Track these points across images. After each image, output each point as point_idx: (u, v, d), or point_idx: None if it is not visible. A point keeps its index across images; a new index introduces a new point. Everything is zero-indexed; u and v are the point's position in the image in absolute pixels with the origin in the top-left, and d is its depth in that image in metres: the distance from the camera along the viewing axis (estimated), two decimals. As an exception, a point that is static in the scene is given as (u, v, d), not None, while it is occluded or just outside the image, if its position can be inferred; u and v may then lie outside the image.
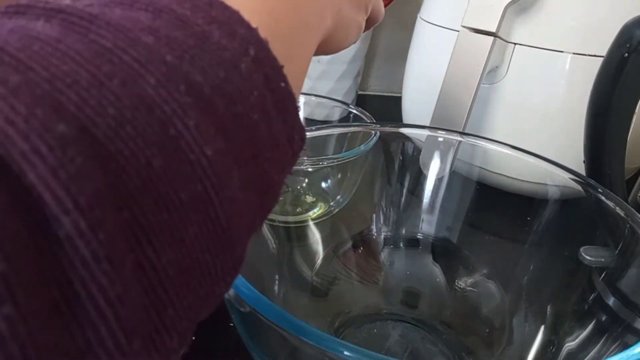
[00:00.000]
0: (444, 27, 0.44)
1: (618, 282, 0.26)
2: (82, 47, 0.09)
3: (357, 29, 0.25)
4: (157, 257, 0.09)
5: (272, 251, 0.31)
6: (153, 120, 0.09)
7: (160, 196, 0.09)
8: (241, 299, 0.17)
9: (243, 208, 0.12)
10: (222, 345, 0.28)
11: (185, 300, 0.10)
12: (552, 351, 0.25)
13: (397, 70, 0.73)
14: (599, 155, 0.31)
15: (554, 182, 0.29)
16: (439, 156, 0.34)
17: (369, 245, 0.35)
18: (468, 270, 0.33)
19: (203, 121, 0.10)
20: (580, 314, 0.26)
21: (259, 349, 0.20)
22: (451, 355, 0.28)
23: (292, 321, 0.16)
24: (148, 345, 0.09)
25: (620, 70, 0.28)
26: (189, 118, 0.10)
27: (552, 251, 0.30)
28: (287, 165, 0.14)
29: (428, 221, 0.34)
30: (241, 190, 0.11)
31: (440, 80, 0.40)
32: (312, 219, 0.38)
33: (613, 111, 0.29)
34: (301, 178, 0.41)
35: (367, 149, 0.34)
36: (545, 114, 0.39)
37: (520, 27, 0.38)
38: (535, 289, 0.29)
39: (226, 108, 0.11)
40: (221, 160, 0.11)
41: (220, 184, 0.11)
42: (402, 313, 0.31)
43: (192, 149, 0.10)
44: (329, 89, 0.63)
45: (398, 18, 0.73)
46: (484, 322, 0.30)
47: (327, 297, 0.32)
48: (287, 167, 0.14)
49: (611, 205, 0.25)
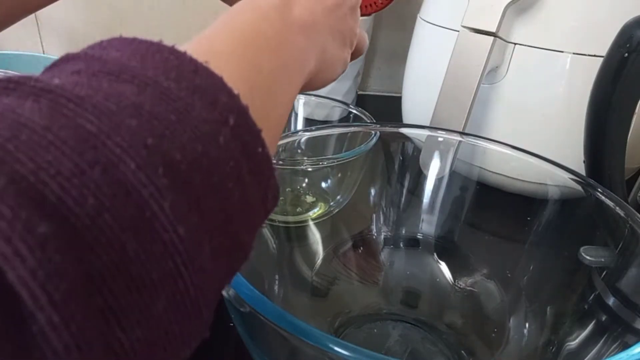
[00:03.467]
0: (444, 27, 0.44)
1: (618, 282, 0.26)
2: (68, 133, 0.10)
3: (342, 65, 0.25)
4: (125, 336, 0.10)
5: (272, 251, 0.31)
6: (130, 205, 0.10)
7: (132, 279, 0.10)
8: (241, 299, 0.17)
9: (213, 277, 0.12)
10: (222, 345, 0.28)
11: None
12: (552, 351, 0.25)
13: (397, 70, 0.73)
14: (599, 155, 0.31)
15: (554, 182, 0.29)
16: (439, 156, 0.34)
17: (369, 245, 0.35)
18: (468, 270, 0.33)
19: (178, 201, 0.11)
20: (580, 314, 0.26)
21: (259, 349, 0.20)
22: (451, 355, 0.28)
23: (292, 321, 0.16)
24: None
25: (620, 70, 0.28)
26: (164, 200, 0.10)
27: (552, 251, 0.30)
28: (258, 225, 0.14)
29: (428, 221, 0.34)
30: (211, 260, 0.12)
31: (440, 80, 0.40)
32: (312, 219, 0.38)
33: (613, 111, 0.29)
34: (301, 178, 0.41)
35: (367, 149, 0.34)
36: (545, 114, 0.39)
37: (520, 27, 0.38)
38: (535, 289, 0.29)
39: (202, 182, 0.11)
40: (193, 236, 0.11)
41: (190, 258, 0.11)
42: (402, 313, 0.31)
43: (165, 229, 0.10)
44: (329, 89, 0.63)
45: (398, 18, 0.73)
46: (483, 322, 0.30)
47: (327, 297, 0.32)
48: (258, 225, 0.14)
49: (611, 205, 0.25)
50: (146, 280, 0.10)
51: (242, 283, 0.17)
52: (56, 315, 0.08)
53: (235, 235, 0.13)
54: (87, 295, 0.09)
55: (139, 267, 0.10)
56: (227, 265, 0.13)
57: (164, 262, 0.10)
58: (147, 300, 0.10)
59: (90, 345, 0.09)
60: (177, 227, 0.10)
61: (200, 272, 0.11)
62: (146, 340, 0.10)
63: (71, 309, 0.09)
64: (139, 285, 0.10)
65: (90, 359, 0.09)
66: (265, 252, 0.31)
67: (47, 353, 0.08)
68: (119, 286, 0.09)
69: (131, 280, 0.10)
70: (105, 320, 0.09)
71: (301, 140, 0.38)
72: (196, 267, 0.11)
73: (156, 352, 0.11)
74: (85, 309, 0.09)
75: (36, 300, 0.08)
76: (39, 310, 0.08)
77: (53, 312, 0.08)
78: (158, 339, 0.11)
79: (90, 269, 0.09)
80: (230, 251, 0.13)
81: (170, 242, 0.10)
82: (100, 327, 0.09)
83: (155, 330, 0.10)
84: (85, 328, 0.09)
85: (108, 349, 0.09)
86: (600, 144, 0.30)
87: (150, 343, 0.10)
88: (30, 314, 0.08)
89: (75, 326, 0.09)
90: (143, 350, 0.10)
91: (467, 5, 0.38)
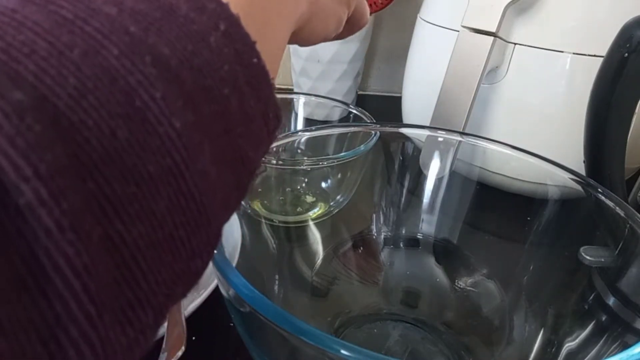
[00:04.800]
0: (444, 27, 0.43)
1: (618, 282, 0.26)
2: (41, 17, 0.09)
3: (336, 21, 0.24)
4: (126, 230, 0.09)
5: (272, 251, 0.31)
6: (117, 91, 0.09)
7: (127, 168, 0.09)
8: (241, 299, 0.17)
9: (217, 183, 0.11)
10: (222, 345, 0.28)
11: (160, 275, 0.10)
12: (552, 351, 0.25)
13: (397, 70, 0.73)
14: (599, 155, 0.31)
15: (554, 182, 0.29)
16: (439, 156, 0.34)
17: (369, 245, 0.35)
18: (468, 270, 0.33)
19: (170, 93, 0.10)
20: (580, 314, 0.26)
21: (259, 349, 0.20)
22: (451, 355, 0.28)
23: (292, 321, 0.16)
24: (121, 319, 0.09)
25: (620, 70, 0.28)
26: (156, 90, 0.10)
27: (552, 251, 0.30)
28: (263, 143, 0.14)
29: (428, 221, 0.34)
30: (213, 165, 0.11)
31: (440, 80, 0.40)
32: (312, 219, 0.38)
33: (613, 111, 0.29)
34: (301, 178, 0.41)
35: (367, 149, 0.34)
36: (545, 114, 0.39)
37: (520, 27, 0.38)
38: (535, 289, 0.29)
39: (194, 81, 0.11)
40: (191, 133, 0.10)
41: (190, 157, 0.10)
42: (402, 313, 0.31)
43: (159, 121, 0.10)
44: (329, 89, 0.63)
45: (398, 18, 0.73)
46: (484, 322, 0.30)
47: (327, 297, 0.32)
48: (263, 145, 0.14)
49: (611, 205, 0.25)
50: (143, 173, 0.09)
51: (242, 283, 0.17)
52: (44, 188, 0.08)
53: (237, 147, 0.12)
54: (78, 176, 0.08)
55: (134, 158, 0.09)
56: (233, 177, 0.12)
57: (162, 157, 0.10)
58: (147, 195, 0.09)
59: (87, 232, 0.08)
60: (173, 121, 0.10)
61: (203, 176, 0.11)
62: (150, 239, 0.10)
63: (59, 184, 0.08)
64: (136, 177, 0.09)
65: (88, 246, 0.08)
66: (265, 252, 0.31)
67: (39, 233, 0.08)
68: (114, 174, 0.09)
69: (127, 170, 0.09)
70: (101, 208, 0.09)
71: (301, 140, 0.38)
72: (198, 169, 0.11)
73: (163, 255, 0.10)
74: (76, 190, 0.08)
75: (19, 171, 0.07)
76: (24, 182, 0.08)
77: (40, 185, 0.08)
78: (163, 240, 0.10)
79: (78, 151, 0.08)
80: (233, 162, 0.12)
81: (166, 135, 0.10)
82: (96, 214, 0.09)
83: (159, 230, 0.10)
84: (78, 209, 0.08)
85: (108, 239, 0.09)
86: (600, 144, 0.30)
87: (155, 243, 0.10)
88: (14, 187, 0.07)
89: (66, 204, 0.08)
90: (147, 250, 0.10)
91: (467, 5, 0.38)
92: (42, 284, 0.08)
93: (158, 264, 0.10)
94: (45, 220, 0.08)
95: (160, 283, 0.10)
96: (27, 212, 0.08)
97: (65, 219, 0.08)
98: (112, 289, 0.09)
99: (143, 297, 0.10)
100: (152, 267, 0.10)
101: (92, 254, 0.08)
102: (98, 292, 0.08)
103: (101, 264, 0.09)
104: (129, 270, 0.09)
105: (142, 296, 0.10)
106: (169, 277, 0.10)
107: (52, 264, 0.08)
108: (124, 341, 0.09)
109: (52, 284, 0.08)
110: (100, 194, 0.09)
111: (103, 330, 0.09)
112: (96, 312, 0.08)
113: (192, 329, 0.26)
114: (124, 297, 0.09)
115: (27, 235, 0.08)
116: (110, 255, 0.09)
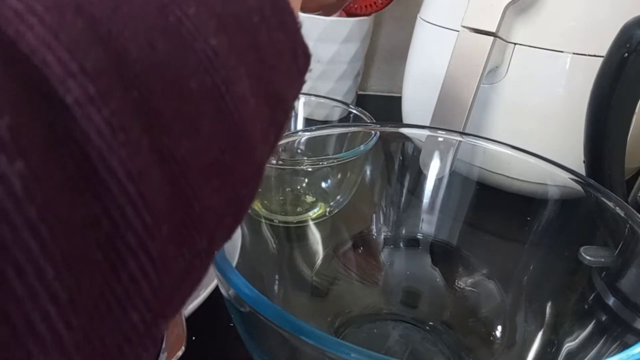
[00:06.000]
0: (444, 27, 0.44)
1: (618, 282, 0.26)
2: None
3: None
4: (174, 145, 0.09)
5: (272, 251, 0.31)
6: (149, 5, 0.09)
7: (168, 81, 0.09)
8: (241, 299, 0.17)
9: (255, 114, 0.11)
10: (222, 345, 0.28)
11: (210, 200, 0.10)
12: (552, 351, 0.25)
13: (397, 70, 0.73)
14: (599, 155, 0.31)
15: (554, 182, 0.29)
16: (439, 156, 0.34)
17: (369, 245, 0.35)
18: (468, 270, 0.33)
19: (202, 12, 0.10)
20: (580, 314, 0.26)
21: (259, 349, 0.20)
22: (451, 355, 0.28)
23: (292, 321, 0.16)
24: (177, 237, 0.09)
25: (620, 70, 0.28)
26: (188, 6, 0.10)
27: (552, 251, 0.30)
28: (294, 82, 0.13)
29: (428, 221, 0.34)
30: (251, 95, 0.11)
31: (440, 80, 0.40)
32: (312, 219, 0.38)
33: (613, 111, 0.29)
34: (301, 178, 0.41)
35: (367, 149, 0.34)
36: (545, 114, 0.39)
37: (520, 27, 0.38)
38: (535, 289, 0.29)
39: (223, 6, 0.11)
40: (227, 55, 0.10)
41: (229, 79, 0.10)
42: (402, 313, 0.31)
43: (195, 37, 0.10)
44: (329, 89, 0.63)
45: (398, 18, 0.73)
46: (484, 322, 0.30)
47: (327, 297, 0.32)
48: (295, 84, 0.13)
49: (611, 205, 0.25)
50: (184, 88, 0.09)
51: (242, 283, 0.17)
52: (91, 85, 0.07)
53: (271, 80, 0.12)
54: (122, 84, 0.08)
55: (173, 71, 0.09)
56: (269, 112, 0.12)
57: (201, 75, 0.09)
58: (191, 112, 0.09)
59: (138, 136, 0.08)
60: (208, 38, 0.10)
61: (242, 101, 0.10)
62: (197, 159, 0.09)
63: (106, 84, 0.08)
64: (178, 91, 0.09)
65: (140, 151, 0.08)
66: (265, 252, 0.31)
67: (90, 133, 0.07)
68: (156, 87, 0.09)
69: (168, 83, 0.09)
70: (147, 118, 0.08)
71: (301, 140, 0.38)
72: (238, 94, 0.10)
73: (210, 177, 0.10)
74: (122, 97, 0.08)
75: (64, 65, 0.07)
76: (70, 77, 0.07)
77: (87, 81, 0.07)
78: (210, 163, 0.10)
79: (119, 60, 0.08)
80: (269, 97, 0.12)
81: (204, 52, 0.10)
82: (142, 123, 0.08)
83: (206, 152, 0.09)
84: (126, 114, 0.08)
85: (157, 152, 0.08)
86: (600, 144, 0.30)
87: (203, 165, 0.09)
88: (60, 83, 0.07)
89: (115, 104, 0.08)
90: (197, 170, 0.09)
91: (467, 5, 0.38)
92: (96, 189, 0.07)
93: (208, 187, 0.10)
94: (96, 119, 0.07)
95: (211, 209, 0.10)
96: (76, 110, 0.07)
97: (114, 118, 0.08)
98: (166, 203, 0.08)
99: (197, 219, 0.09)
100: (203, 190, 0.09)
101: (144, 160, 0.08)
102: (154, 201, 0.08)
103: (153, 173, 0.08)
104: (181, 188, 0.09)
105: (195, 218, 0.09)
106: (219, 205, 0.10)
107: (105, 167, 0.07)
108: (181, 263, 0.09)
109: (106, 189, 0.08)
110: (145, 104, 0.08)
111: (160, 243, 0.08)
112: (153, 221, 0.08)
113: (192, 329, 0.26)
114: (178, 215, 0.09)
115: (76, 136, 0.07)
116: (161, 168, 0.08)
